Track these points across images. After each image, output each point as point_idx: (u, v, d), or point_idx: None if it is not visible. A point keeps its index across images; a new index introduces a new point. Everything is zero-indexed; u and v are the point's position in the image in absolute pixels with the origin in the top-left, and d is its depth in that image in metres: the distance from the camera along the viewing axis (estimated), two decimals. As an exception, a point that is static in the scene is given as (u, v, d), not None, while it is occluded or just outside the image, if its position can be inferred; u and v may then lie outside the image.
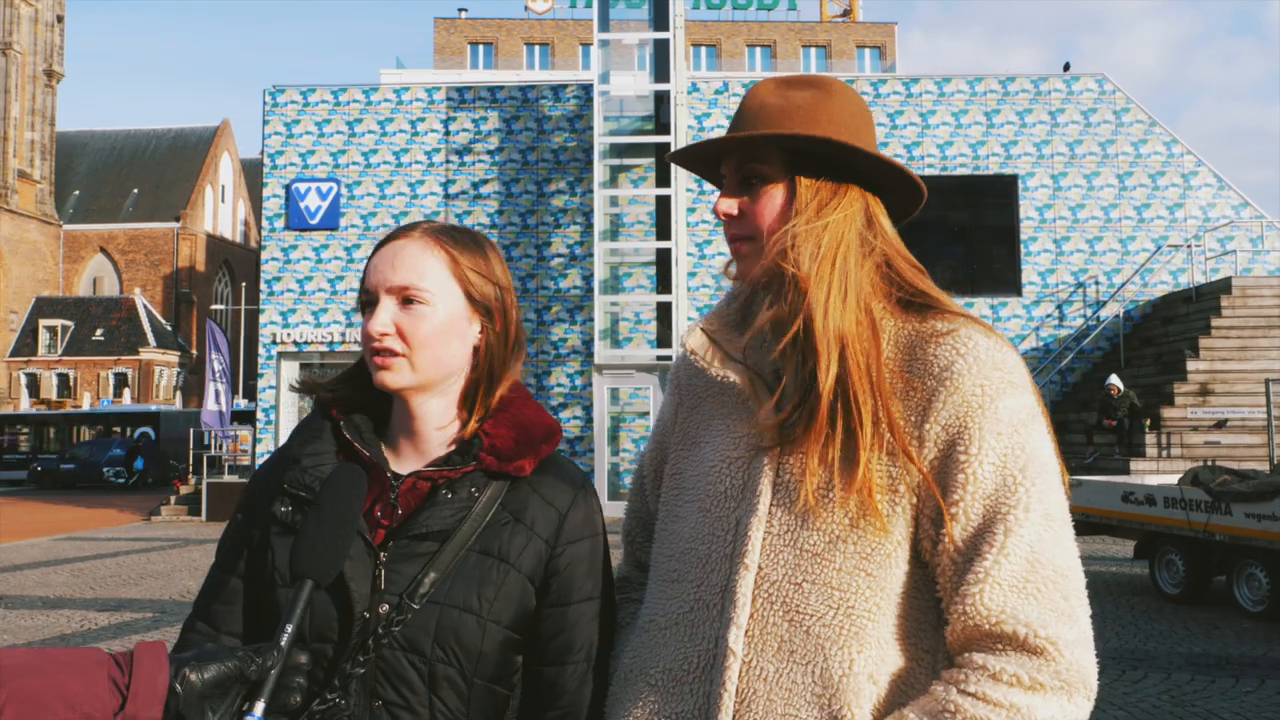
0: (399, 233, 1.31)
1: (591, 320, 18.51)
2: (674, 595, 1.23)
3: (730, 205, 1.25)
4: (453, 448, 1.29)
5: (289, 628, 1.07)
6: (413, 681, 1.19)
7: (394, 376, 1.25)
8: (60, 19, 60.03)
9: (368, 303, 1.28)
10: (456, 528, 1.23)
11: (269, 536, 1.26)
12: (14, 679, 0.90)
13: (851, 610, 1.11)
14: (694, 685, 1.17)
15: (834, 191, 1.21)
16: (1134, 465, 14.03)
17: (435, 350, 1.26)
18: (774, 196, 1.23)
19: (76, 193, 63.27)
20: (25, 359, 53.62)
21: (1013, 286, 19.20)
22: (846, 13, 42.83)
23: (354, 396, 1.33)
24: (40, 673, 0.92)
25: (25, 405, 49.38)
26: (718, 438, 1.27)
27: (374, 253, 1.30)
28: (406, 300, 1.26)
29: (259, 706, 1.02)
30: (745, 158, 1.24)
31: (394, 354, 1.25)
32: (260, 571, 1.26)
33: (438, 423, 1.30)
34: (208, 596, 1.30)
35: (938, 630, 1.12)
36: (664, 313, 18.04)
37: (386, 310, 1.25)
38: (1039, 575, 1.05)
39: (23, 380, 53.02)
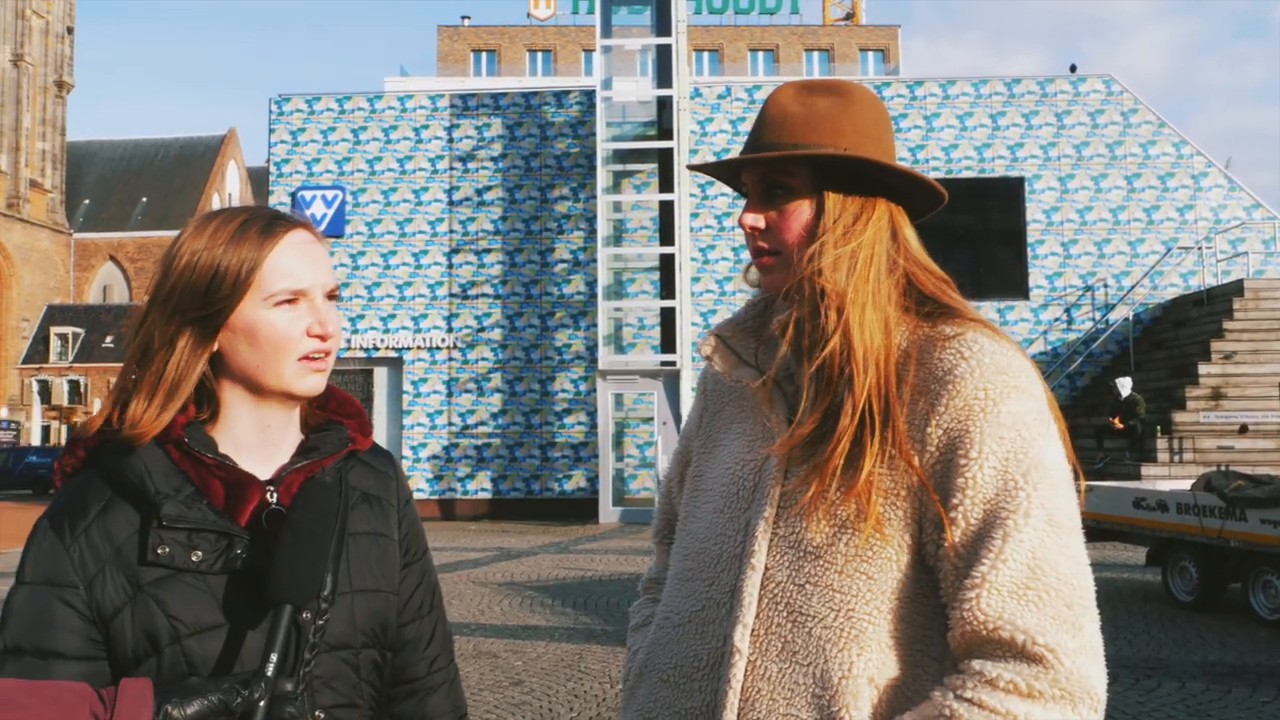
0: (297, 225, 1.20)
1: (595, 326, 18.46)
2: (688, 594, 1.25)
3: (756, 219, 1.25)
4: (302, 440, 1.25)
5: (273, 656, 1.04)
6: (345, 674, 1.19)
7: (324, 378, 1.22)
8: (70, 30, 60.46)
9: (287, 300, 1.16)
10: None
11: (139, 588, 1.10)
12: None
13: (851, 613, 1.10)
14: (702, 683, 1.19)
15: (861, 205, 1.22)
16: (1145, 470, 13.88)
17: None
18: (801, 211, 1.23)
19: (86, 202, 63.74)
20: (37, 366, 53.99)
21: (1019, 290, 19.06)
22: (849, 16, 42.77)
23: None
24: (19, 708, 0.90)
25: (37, 412, 49.59)
26: (735, 440, 1.29)
27: (273, 241, 1.17)
28: (330, 297, 1.22)
29: None
30: (770, 170, 1.24)
31: (331, 354, 1.21)
32: (138, 634, 1.09)
33: (293, 425, 1.24)
34: None
35: (945, 636, 1.10)
36: (668, 318, 18.00)
37: (331, 309, 1.20)
38: (1040, 582, 1.03)
39: (34, 387, 53.33)
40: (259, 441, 1.19)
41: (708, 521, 1.27)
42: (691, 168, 1.36)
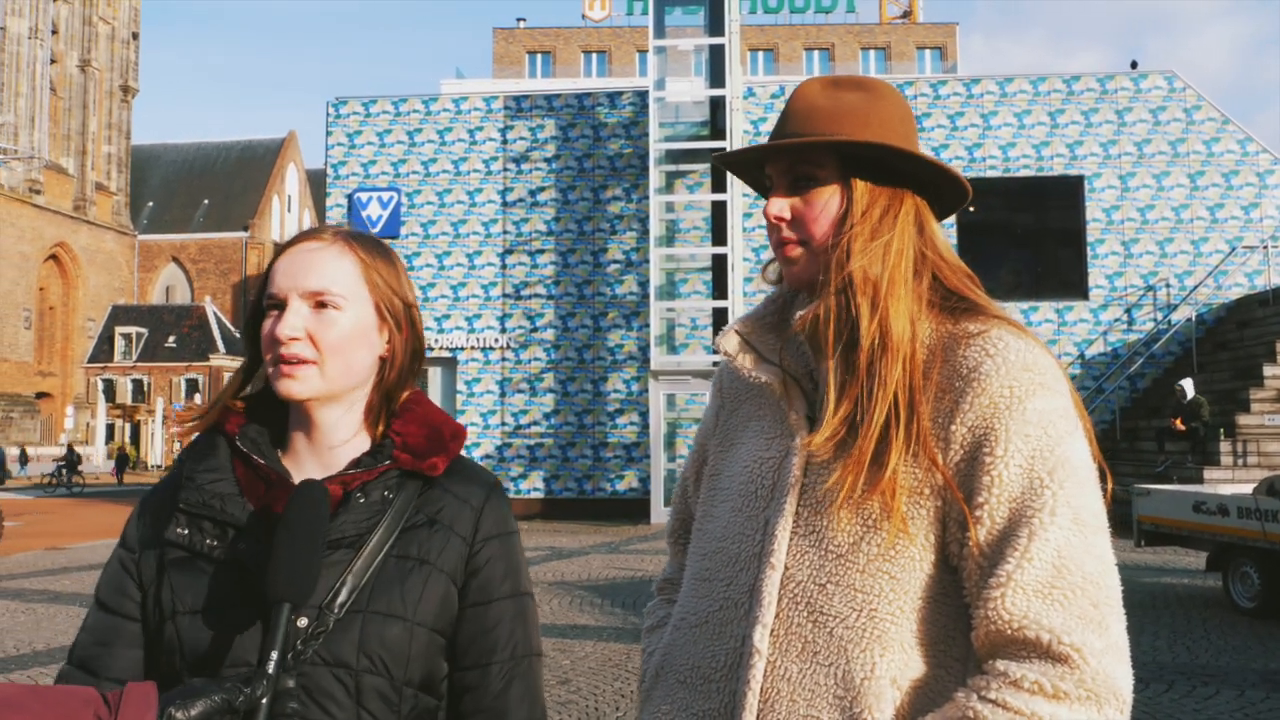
0: (308, 235, 1.26)
1: (648, 326, 18.53)
2: (705, 594, 1.24)
3: (782, 208, 1.23)
4: (361, 454, 1.25)
5: (274, 653, 1.06)
6: (338, 696, 1.14)
7: (301, 385, 1.20)
8: (135, 36, 62.06)
9: (273, 306, 1.21)
10: (370, 532, 1.19)
11: (164, 564, 1.19)
12: None
13: (874, 613, 1.09)
14: (720, 684, 1.18)
15: (889, 197, 1.20)
16: (1208, 474, 13.59)
17: (346, 357, 1.22)
18: (828, 201, 1.21)
19: (150, 204, 65.38)
20: (102, 365, 55.49)
21: (1079, 290, 18.73)
22: (906, 14, 42.31)
23: (254, 410, 1.28)
24: (23, 710, 0.92)
25: (102, 410, 51.01)
26: (753, 438, 1.27)
27: (278, 255, 1.25)
28: (319, 305, 1.21)
29: None
30: (797, 160, 1.22)
31: (303, 361, 1.19)
32: (155, 604, 1.19)
33: (343, 435, 1.25)
34: (87, 640, 1.21)
35: (969, 637, 1.09)
36: (720, 318, 17.97)
37: (297, 314, 1.19)
38: (1066, 581, 1.02)
39: (99, 386, 54.81)
40: (306, 446, 1.24)
41: (725, 520, 1.25)
42: (717, 158, 1.32)
